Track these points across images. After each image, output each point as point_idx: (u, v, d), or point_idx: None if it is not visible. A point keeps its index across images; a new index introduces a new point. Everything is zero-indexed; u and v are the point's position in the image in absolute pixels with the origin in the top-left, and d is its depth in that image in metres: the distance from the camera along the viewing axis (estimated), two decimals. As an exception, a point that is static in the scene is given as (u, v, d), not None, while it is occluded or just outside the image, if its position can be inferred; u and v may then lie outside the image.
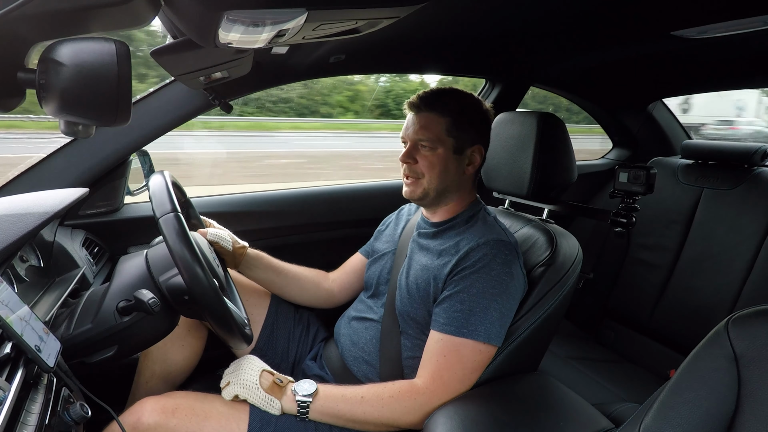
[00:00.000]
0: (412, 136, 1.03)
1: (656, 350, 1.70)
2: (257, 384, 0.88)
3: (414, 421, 0.89)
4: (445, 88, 1.07)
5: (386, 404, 0.89)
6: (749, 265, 1.52)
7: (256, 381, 0.89)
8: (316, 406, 0.89)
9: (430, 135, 1.01)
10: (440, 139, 1.01)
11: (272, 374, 0.92)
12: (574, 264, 1.04)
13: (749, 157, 1.63)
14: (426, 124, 1.01)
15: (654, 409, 0.62)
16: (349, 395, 0.90)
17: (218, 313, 0.79)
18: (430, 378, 0.91)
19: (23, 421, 0.53)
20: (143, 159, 1.36)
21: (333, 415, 0.89)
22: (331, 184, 1.77)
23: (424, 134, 1.01)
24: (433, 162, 1.02)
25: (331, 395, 0.90)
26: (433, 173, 1.02)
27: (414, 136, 1.03)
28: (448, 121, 1.01)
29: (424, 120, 1.02)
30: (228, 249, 1.11)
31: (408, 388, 0.91)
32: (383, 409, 0.89)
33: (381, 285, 1.14)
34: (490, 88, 1.85)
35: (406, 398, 0.89)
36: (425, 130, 1.01)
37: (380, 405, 0.89)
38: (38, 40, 0.52)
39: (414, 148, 1.03)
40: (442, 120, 1.01)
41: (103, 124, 0.51)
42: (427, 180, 1.03)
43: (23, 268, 0.88)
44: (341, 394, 0.90)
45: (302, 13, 0.59)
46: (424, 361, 0.94)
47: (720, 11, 1.03)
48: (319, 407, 0.89)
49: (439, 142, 1.01)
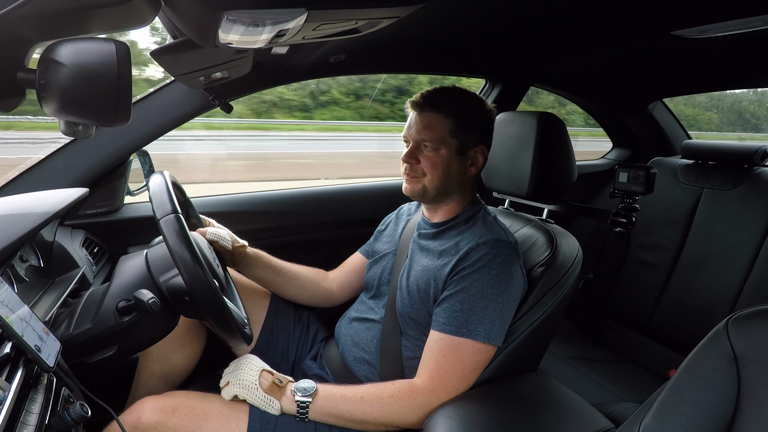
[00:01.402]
0: (415, 136, 1.02)
1: (656, 350, 1.70)
2: (256, 384, 0.88)
3: (414, 421, 0.89)
4: (449, 87, 1.06)
5: (386, 404, 0.89)
6: (749, 265, 1.52)
7: (255, 381, 0.89)
8: (315, 406, 0.89)
9: (434, 136, 1.00)
10: (444, 141, 1.00)
11: (272, 374, 0.92)
12: (573, 264, 1.04)
13: (749, 157, 1.63)
14: (429, 124, 1.01)
15: (654, 409, 0.62)
16: (349, 395, 0.90)
17: (218, 313, 0.79)
18: (430, 377, 0.91)
19: (23, 420, 0.53)
20: (143, 159, 1.36)
21: (332, 415, 0.89)
22: (331, 184, 1.77)
23: (427, 135, 1.00)
24: (435, 163, 1.01)
25: (330, 395, 0.90)
26: (435, 173, 1.01)
27: (417, 137, 1.02)
28: (451, 122, 1.00)
29: (428, 120, 1.01)
30: (227, 248, 1.11)
31: (408, 387, 0.91)
32: (383, 408, 0.89)
33: (382, 286, 1.14)
34: (490, 88, 1.85)
35: (405, 398, 0.89)
36: (429, 130, 1.00)
37: (380, 405, 0.89)
38: (38, 40, 0.52)
39: (417, 148, 1.02)
40: (446, 121, 1.00)
41: (103, 124, 0.51)
42: (429, 180, 1.02)
43: (23, 268, 0.88)
44: (341, 394, 0.90)
45: (302, 13, 0.59)
46: (423, 360, 0.94)
47: (720, 11, 1.03)
48: (319, 407, 0.89)
49: (443, 143, 1.00)
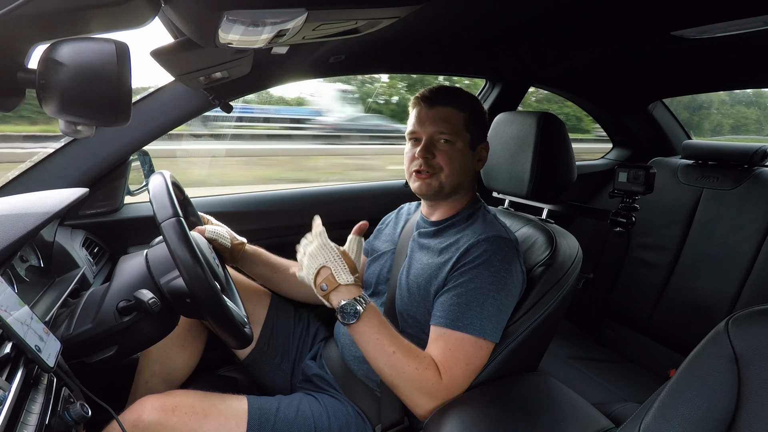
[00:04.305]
0: (429, 130, 1.01)
1: (656, 350, 1.70)
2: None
3: (421, 410, 0.87)
4: (451, 86, 1.07)
5: (406, 376, 0.86)
6: (749, 265, 1.52)
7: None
8: (359, 325, 0.87)
9: (452, 128, 1.00)
10: (459, 133, 1.01)
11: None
12: (573, 264, 1.04)
13: (749, 157, 1.63)
14: (446, 117, 1.00)
15: (654, 409, 0.62)
16: (385, 341, 0.87)
17: (219, 314, 0.79)
18: (442, 372, 0.88)
19: (23, 421, 0.53)
20: (143, 159, 1.36)
21: (362, 342, 0.88)
22: (331, 184, 1.77)
23: (445, 127, 1.00)
24: (453, 156, 1.01)
25: (373, 326, 0.88)
26: (452, 167, 1.01)
27: (433, 129, 1.00)
28: (466, 116, 1.01)
29: (444, 113, 1.01)
30: (226, 246, 1.11)
31: (433, 370, 0.88)
32: (402, 376, 0.86)
33: (381, 284, 1.14)
34: (490, 88, 1.85)
35: (425, 380, 0.87)
36: (446, 123, 1.00)
37: (400, 371, 0.86)
38: (38, 40, 0.52)
39: (431, 142, 1.01)
40: (461, 114, 1.01)
41: (103, 124, 0.51)
42: (446, 174, 1.01)
43: (23, 268, 0.88)
44: (376, 338, 0.87)
45: (302, 13, 0.59)
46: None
47: (720, 11, 1.03)
48: (360, 328, 0.87)
49: (458, 136, 1.01)
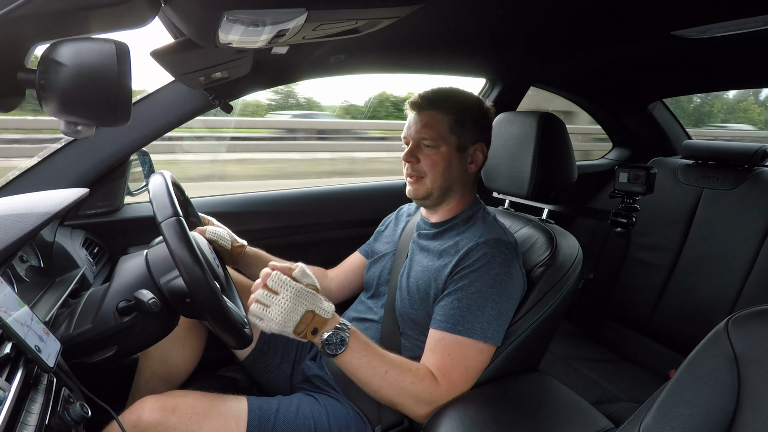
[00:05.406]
0: (414, 135, 1.03)
1: (656, 350, 1.70)
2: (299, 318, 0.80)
3: (420, 416, 0.88)
4: (446, 87, 1.07)
5: (403, 390, 0.86)
6: (749, 265, 1.52)
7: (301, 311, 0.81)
8: (345, 356, 0.85)
9: (433, 133, 1.01)
10: (443, 137, 1.01)
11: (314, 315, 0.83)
12: (574, 264, 1.04)
13: (749, 157, 1.63)
14: (429, 122, 1.01)
15: (654, 409, 0.62)
16: (376, 364, 0.86)
17: (219, 315, 0.79)
18: (440, 376, 0.89)
19: (23, 421, 0.53)
20: (143, 159, 1.36)
21: (351, 370, 0.87)
22: (331, 184, 1.77)
23: (427, 132, 1.01)
24: (436, 161, 1.02)
25: (360, 352, 0.86)
26: (436, 172, 1.02)
27: (416, 135, 1.02)
28: (450, 119, 1.01)
29: (427, 118, 1.02)
30: (226, 247, 1.11)
31: (429, 380, 0.88)
32: (399, 393, 0.86)
33: (381, 286, 1.14)
34: (490, 88, 1.85)
35: (422, 390, 0.87)
36: (428, 128, 1.01)
37: (397, 389, 0.86)
38: (38, 40, 0.52)
39: (417, 147, 1.03)
40: (444, 118, 1.01)
41: (103, 124, 0.51)
42: (431, 179, 1.03)
43: (23, 268, 0.88)
44: (367, 361, 0.86)
45: (302, 13, 0.59)
46: (427, 359, 0.93)
47: (720, 11, 1.02)
48: (347, 359, 0.85)
49: (442, 140, 1.01)
